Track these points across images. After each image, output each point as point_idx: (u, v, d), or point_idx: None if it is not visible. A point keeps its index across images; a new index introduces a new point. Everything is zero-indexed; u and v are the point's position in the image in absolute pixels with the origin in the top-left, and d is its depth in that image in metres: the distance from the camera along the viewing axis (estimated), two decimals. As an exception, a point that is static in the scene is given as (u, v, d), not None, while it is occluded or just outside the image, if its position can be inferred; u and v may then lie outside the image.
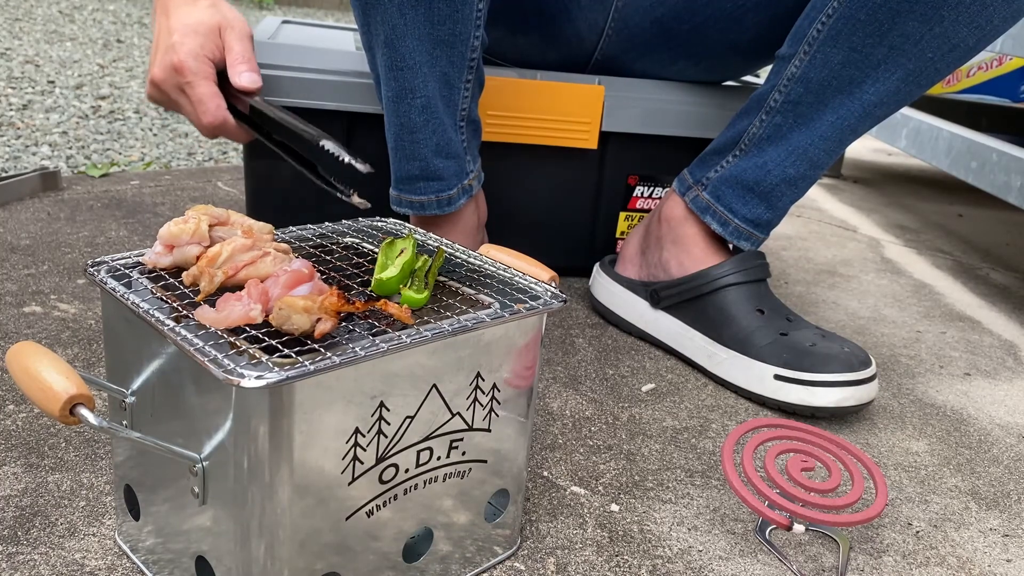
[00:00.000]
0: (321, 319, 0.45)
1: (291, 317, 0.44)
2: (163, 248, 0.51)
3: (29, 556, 0.55)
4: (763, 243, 0.97)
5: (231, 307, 0.45)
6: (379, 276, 0.51)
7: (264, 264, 0.50)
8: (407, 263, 0.52)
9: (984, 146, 1.22)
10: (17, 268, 0.98)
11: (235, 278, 0.49)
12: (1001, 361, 1.02)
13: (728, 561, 0.61)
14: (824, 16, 0.81)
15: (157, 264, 0.51)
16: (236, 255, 0.49)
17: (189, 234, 0.50)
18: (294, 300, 0.44)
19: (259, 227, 0.54)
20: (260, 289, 0.46)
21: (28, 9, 3.49)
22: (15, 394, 0.72)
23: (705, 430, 0.79)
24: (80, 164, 1.54)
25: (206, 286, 0.48)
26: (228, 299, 0.46)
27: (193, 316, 0.45)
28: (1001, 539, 0.67)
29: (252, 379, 0.40)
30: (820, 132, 0.85)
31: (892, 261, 1.38)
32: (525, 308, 0.51)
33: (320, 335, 0.44)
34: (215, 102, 0.79)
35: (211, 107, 0.79)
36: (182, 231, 0.50)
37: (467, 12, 0.79)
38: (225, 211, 0.53)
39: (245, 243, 0.50)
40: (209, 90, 0.79)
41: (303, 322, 0.44)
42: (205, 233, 0.51)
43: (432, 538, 0.53)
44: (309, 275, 0.48)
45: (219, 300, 0.46)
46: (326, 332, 0.45)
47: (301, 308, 0.44)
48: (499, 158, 1.01)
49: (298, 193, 1.01)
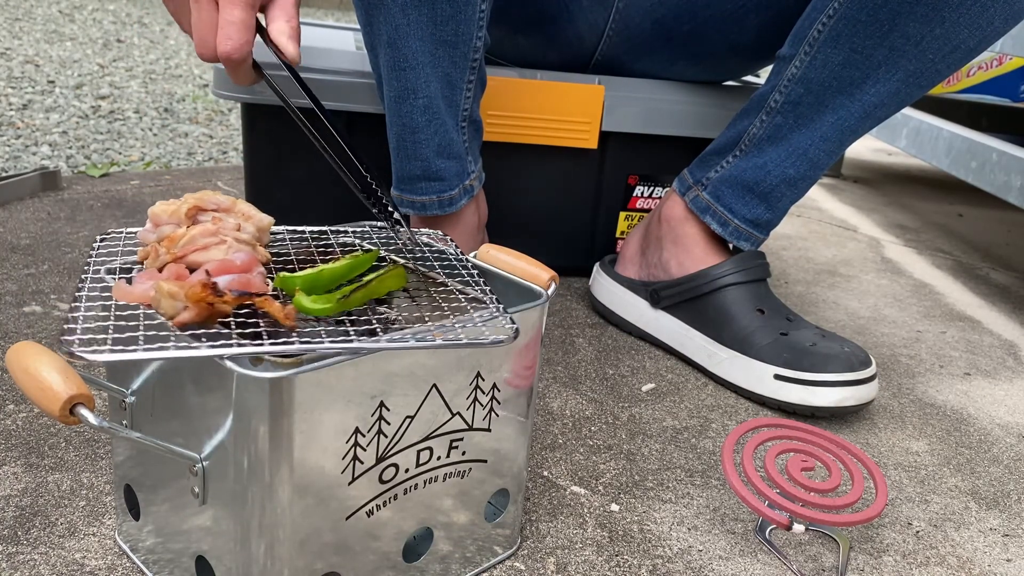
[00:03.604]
0: (187, 307, 0.44)
1: (160, 301, 0.44)
2: (151, 225, 0.54)
3: (29, 556, 0.55)
4: (763, 243, 0.97)
5: (139, 284, 0.46)
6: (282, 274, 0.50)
7: (216, 251, 0.50)
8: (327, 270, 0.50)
9: (984, 146, 1.22)
10: (17, 268, 0.98)
11: (184, 260, 0.49)
12: (1001, 361, 1.02)
13: (728, 561, 0.61)
14: (825, 17, 0.81)
15: (146, 239, 0.53)
16: (198, 239, 0.50)
17: (168, 214, 0.52)
18: (164, 284, 0.44)
19: (259, 219, 0.54)
20: (176, 271, 0.47)
21: (28, 9, 3.49)
22: (15, 394, 0.72)
23: (705, 430, 0.79)
24: (80, 164, 1.54)
25: (149, 263, 0.50)
26: (145, 277, 0.47)
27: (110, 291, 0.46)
28: (1001, 539, 0.67)
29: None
30: (820, 133, 0.85)
31: (892, 261, 1.38)
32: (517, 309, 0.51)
33: (179, 323, 0.44)
34: (245, 36, 0.66)
35: (237, 39, 0.66)
36: (163, 211, 0.53)
37: (470, 12, 0.79)
38: (231, 199, 0.54)
39: (209, 228, 0.51)
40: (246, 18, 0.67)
41: (168, 307, 0.44)
42: (182, 215, 0.52)
43: (432, 538, 0.53)
44: (241, 268, 0.48)
45: (141, 275, 0.47)
46: (185, 321, 0.44)
47: (166, 292, 0.44)
48: (499, 158, 1.01)
49: (298, 193, 1.01)
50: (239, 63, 0.67)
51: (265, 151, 1.00)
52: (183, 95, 2.25)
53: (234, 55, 0.66)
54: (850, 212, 1.68)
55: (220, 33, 0.66)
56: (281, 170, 1.00)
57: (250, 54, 0.67)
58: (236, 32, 0.65)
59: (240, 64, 0.67)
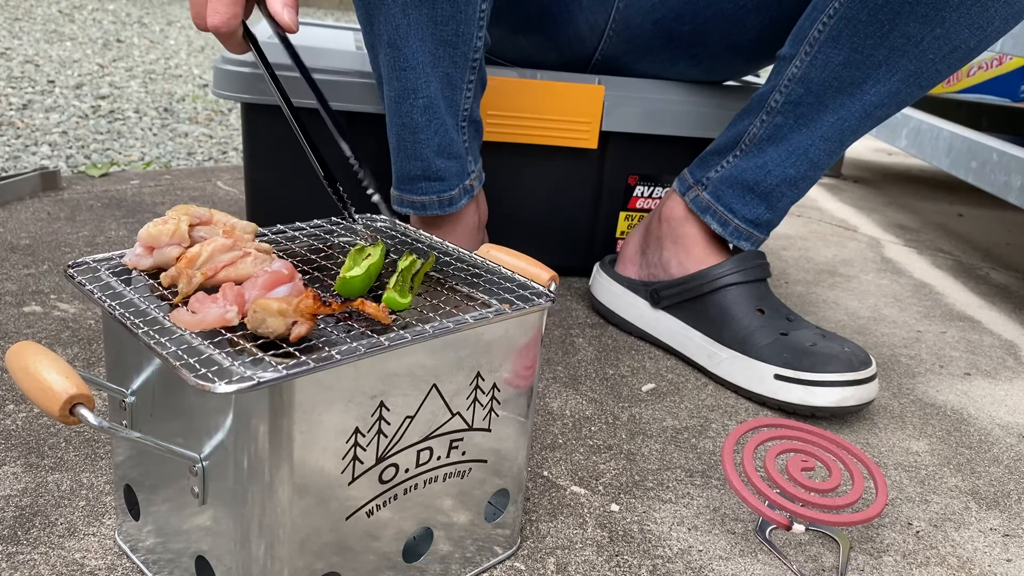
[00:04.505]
0: (297, 322, 0.44)
1: (266, 320, 0.43)
2: (143, 249, 0.50)
3: (29, 556, 0.55)
4: (763, 243, 0.97)
5: (207, 309, 0.44)
6: (343, 275, 0.51)
7: (244, 265, 0.49)
8: (374, 265, 0.51)
9: (984, 146, 1.22)
10: (17, 268, 0.98)
11: (214, 279, 0.48)
12: (1001, 361, 1.02)
13: (728, 561, 0.61)
14: (825, 17, 0.81)
15: (138, 265, 0.50)
16: (216, 255, 0.48)
17: (168, 235, 0.49)
18: (268, 303, 0.43)
19: (242, 226, 0.53)
20: (236, 291, 0.45)
21: (28, 9, 3.49)
22: (15, 394, 0.72)
23: (705, 430, 0.79)
24: (80, 164, 1.54)
25: (184, 287, 0.47)
26: (204, 301, 0.45)
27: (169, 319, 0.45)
28: (1001, 539, 0.67)
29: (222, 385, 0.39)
30: (821, 133, 0.85)
31: (892, 261, 1.38)
32: (529, 305, 0.51)
33: (295, 338, 0.44)
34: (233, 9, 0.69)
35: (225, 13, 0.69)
36: (161, 232, 0.49)
37: (470, 12, 0.79)
38: (208, 210, 0.53)
39: (225, 243, 0.49)
40: None
41: (278, 325, 0.43)
42: (185, 234, 0.50)
43: (432, 538, 0.53)
44: (289, 276, 0.47)
45: (193, 301, 0.45)
46: (302, 335, 0.44)
47: (276, 311, 0.43)
48: (499, 158, 1.01)
49: (298, 192, 1.01)
50: (228, 35, 0.71)
51: (265, 151, 1.00)
52: (183, 95, 2.25)
53: (222, 28, 0.70)
54: (850, 212, 1.68)
55: (209, 6, 0.69)
56: (281, 170, 1.00)
57: (239, 26, 0.70)
58: (223, 6, 0.69)
59: (229, 36, 0.71)
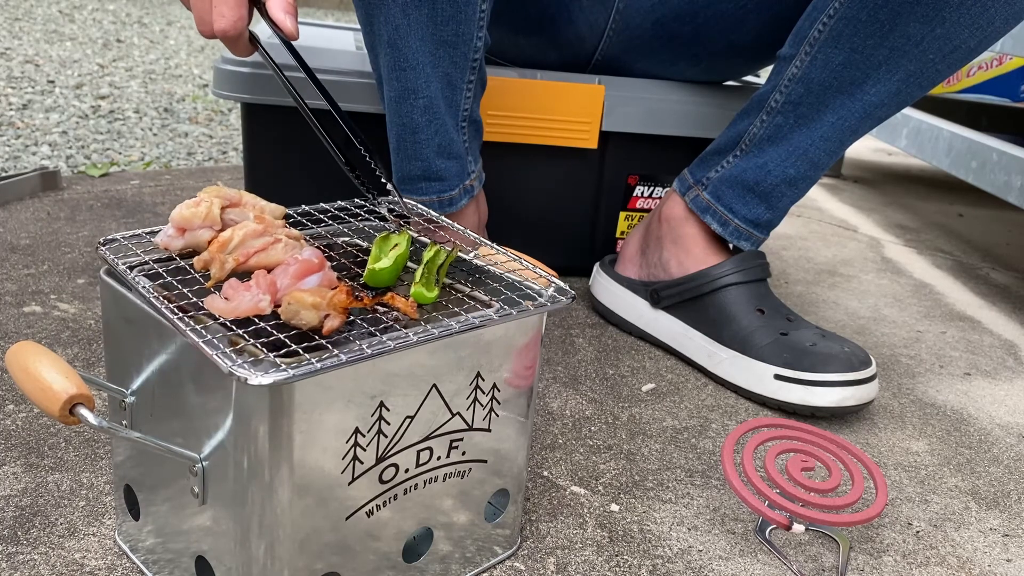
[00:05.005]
0: (330, 315, 0.45)
1: (300, 312, 0.44)
2: (175, 231, 0.50)
3: (29, 556, 0.55)
4: (763, 243, 0.97)
5: (240, 297, 0.45)
6: (372, 267, 0.51)
7: (275, 251, 0.49)
8: (401, 256, 0.52)
9: (984, 146, 1.22)
10: (17, 268, 0.98)
11: (246, 265, 0.48)
12: (1001, 361, 1.02)
13: (728, 561, 0.61)
14: (825, 17, 0.81)
15: (169, 246, 0.50)
16: (248, 240, 0.48)
17: (201, 217, 0.49)
18: (303, 296, 0.44)
19: (271, 209, 0.53)
20: (268, 279, 0.46)
21: (28, 9, 3.49)
22: (15, 394, 0.72)
23: (705, 430, 0.79)
24: (80, 164, 1.54)
25: (217, 273, 0.47)
26: (237, 288, 0.45)
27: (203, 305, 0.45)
28: (1001, 539, 0.67)
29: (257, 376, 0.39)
30: (821, 133, 0.85)
31: (892, 261, 1.38)
32: (533, 305, 0.51)
33: (328, 332, 0.44)
34: (238, 13, 0.69)
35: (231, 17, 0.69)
36: (194, 215, 0.49)
37: (470, 13, 0.79)
38: (238, 192, 0.53)
39: (256, 228, 0.49)
40: None
41: (311, 318, 0.44)
42: (217, 217, 0.50)
43: (432, 538, 0.53)
44: (319, 265, 0.48)
45: (226, 287, 0.45)
46: (334, 328, 0.45)
47: (310, 304, 0.44)
48: (499, 158, 1.01)
49: (299, 192, 1.01)
50: (235, 39, 0.71)
51: (265, 151, 1.00)
52: (183, 95, 2.25)
53: (229, 31, 0.70)
54: (850, 212, 1.68)
55: (214, 11, 0.69)
56: (281, 170, 1.00)
57: (245, 30, 0.71)
58: (229, 10, 0.69)
59: (236, 39, 0.71)
